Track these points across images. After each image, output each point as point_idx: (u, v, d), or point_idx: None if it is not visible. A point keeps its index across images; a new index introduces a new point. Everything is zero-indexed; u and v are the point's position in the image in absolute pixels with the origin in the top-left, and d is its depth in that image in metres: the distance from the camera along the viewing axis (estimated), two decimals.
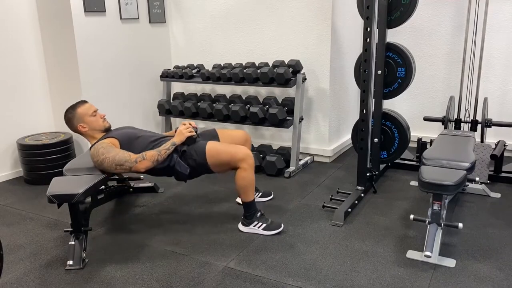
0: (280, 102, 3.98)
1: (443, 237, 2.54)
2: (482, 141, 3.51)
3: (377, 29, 3.13)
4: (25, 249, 2.65)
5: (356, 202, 3.08)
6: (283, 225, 2.78)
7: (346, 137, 4.38)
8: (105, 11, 3.96)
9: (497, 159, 3.34)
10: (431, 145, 3.31)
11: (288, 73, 3.70)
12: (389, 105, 3.91)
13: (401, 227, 2.78)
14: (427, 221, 2.47)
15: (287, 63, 3.82)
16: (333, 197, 3.14)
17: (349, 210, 2.96)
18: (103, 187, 3.08)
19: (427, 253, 2.33)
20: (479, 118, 3.56)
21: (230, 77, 3.99)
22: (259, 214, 2.76)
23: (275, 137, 4.35)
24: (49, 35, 3.90)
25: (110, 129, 2.82)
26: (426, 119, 3.78)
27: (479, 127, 3.56)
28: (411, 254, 2.45)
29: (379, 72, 3.25)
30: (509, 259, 2.38)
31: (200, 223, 2.91)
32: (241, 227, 2.78)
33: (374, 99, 3.25)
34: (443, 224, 2.46)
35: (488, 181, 3.32)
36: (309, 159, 4.08)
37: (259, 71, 3.85)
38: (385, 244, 2.58)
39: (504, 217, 2.88)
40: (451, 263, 2.35)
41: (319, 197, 3.27)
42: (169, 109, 4.38)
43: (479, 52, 3.62)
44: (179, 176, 2.75)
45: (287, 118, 3.80)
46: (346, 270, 2.32)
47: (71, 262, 2.41)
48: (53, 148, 3.68)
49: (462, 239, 2.60)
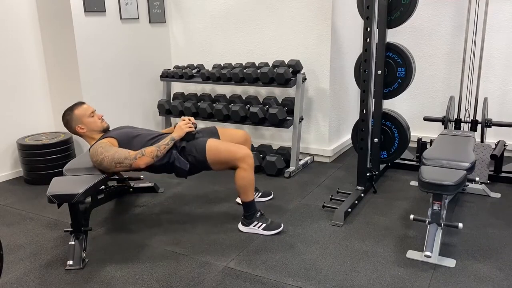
0: (280, 102, 3.97)
1: (443, 237, 2.54)
2: (482, 141, 3.51)
3: (377, 29, 3.13)
4: (25, 249, 2.65)
5: (356, 202, 3.08)
6: (283, 225, 2.78)
7: (346, 137, 4.38)
8: (105, 11, 3.96)
9: (497, 159, 3.34)
10: (431, 145, 3.31)
11: (288, 73, 3.70)
12: (389, 105, 3.91)
13: (401, 227, 2.78)
14: (427, 221, 2.47)
15: (287, 63, 3.82)
16: (333, 197, 3.14)
17: (349, 210, 2.96)
18: (103, 187, 3.08)
19: (427, 253, 2.33)
20: (479, 118, 3.56)
21: (230, 77, 3.99)
22: (259, 214, 2.76)
23: (275, 137, 4.35)
24: (49, 35, 3.90)
25: (108, 130, 2.82)
26: (426, 119, 3.78)
27: (479, 127, 3.56)
28: (411, 254, 2.45)
29: (379, 72, 3.25)
30: (509, 259, 2.38)
31: (200, 223, 2.91)
32: (241, 227, 2.78)
33: (374, 99, 3.25)
34: (443, 224, 2.46)
35: (488, 181, 3.32)
36: (309, 159, 4.08)
37: (259, 71, 3.85)
38: (385, 244, 2.58)
39: (504, 217, 2.88)
40: (451, 263, 2.35)
41: (319, 197, 3.27)
42: (169, 109, 4.38)
43: (479, 52, 3.62)
44: (179, 172, 2.74)
45: (287, 118, 3.80)
46: (346, 270, 2.32)
47: (71, 262, 2.41)
48: (53, 148, 3.68)
49: (462, 239, 2.60)
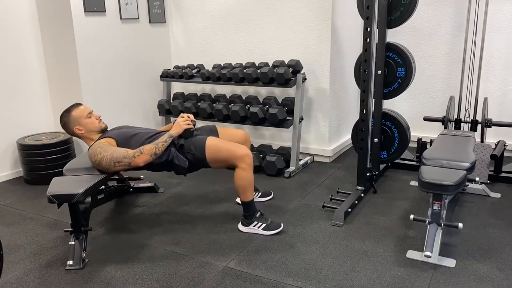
0: (280, 102, 3.98)
1: (443, 237, 2.54)
2: (482, 141, 3.51)
3: (377, 29, 3.13)
4: (25, 249, 2.65)
5: (356, 202, 3.08)
6: (283, 225, 2.78)
7: (346, 137, 4.38)
8: (105, 11, 3.96)
9: (497, 159, 3.34)
10: (431, 145, 3.31)
11: (288, 73, 3.70)
12: (389, 105, 3.91)
13: (401, 227, 2.78)
14: (427, 221, 2.47)
15: (287, 63, 3.82)
16: (333, 197, 3.14)
17: (349, 210, 2.96)
18: (103, 187, 3.08)
19: (427, 253, 2.33)
20: (479, 118, 3.56)
21: (230, 77, 3.99)
22: (259, 214, 2.76)
23: (275, 137, 4.35)
24: (49, 35, 3.90)
25: (106, 130, 2.82)
26: (426, 119, 3.78)
27: (479, 127, 3.56)
28: (411, 254, 2.45)
29: (379, 72, 3.25)
30: (509, 259, 2.38)
31: (200, 223, 2.91)
32: (241, 227, 2.78)
33: (374, 99, 3.25)
34: (443, 224, 2.46)
35: (488, 181, 3.32)
36: (309, 159, 4.08)
37: (259, 71, 3.85)
38: (385, 244, 2.58)
39: (504, 217, 2.88)
40: (451, 263, 2.35)
41: (319, 197, 3.27)
42: (169, 109, 4.38)
43: (479, 52, 3.62)
44: (178, 170, 2.74)
45: (287, 118, 3.80)
46: (346, 270, 2.32)
47: (71, 262, 2.41)
48: (53, 148, 3.68)
49: (462, 239, 2.60)
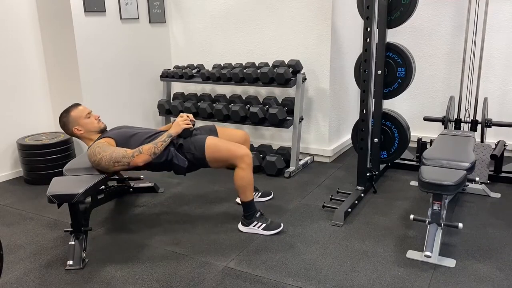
0: (280, 102, 3.97)
1: (443, 237, 2.54)
2: (482, 141, 3.51)
3: (377, 29, 3.13)
4: (25, 249, 2.65)
5: (356, 202, 3.08)
6: (283, 225, 2.78)
7: (346, 137, 4.38)
8: (105, 11, 3.96)
9: (497, 159, 3.34)
10: (431, 145, 3.31)
11: (288, 73, 3.70)
12: (389, 105, 3.91)
13: (401, 227, 2.78)
14: (427, 221, 2.47)
15: (287, 63, 3.82)
16: (333, 197, 3.14)
17: (349, 210, 2.96)
18: (103, 187, 3.08)
19: (427, 253, 2.33)
20: (479, 118, 3.56)
21: (230, 77, 3.99)
22: (259, 214, 2.76)
23: (275, 137, 4.35)
24: (49, 35, 3.90)
25: (105, 130, 2.81)
26: (426, 119, 3.78)
27: (479, 127, 3.56)
28: (411, 254, 2.45)
29: (379, 72, 3.25)
30: (509, 259, 2.38)
31: (200, 223, 2.91)
32: (241, 227, 2.78)
33: (374, 99, 3.25)
34: (443, 224, 2.46)
35: (488, 181, 3.32)
36: (309, 159, 4.08)
37: (259, 71, 3.85)
38: (385, 244, 2.58)
39: (504, 217, 2.88)
40: (451, 263, 2.35)
41: (319, 197, 3.27)
42: (169, 109, 4.38)
43: (479, 52, 3.62)
44: (177, 169, 2.74)
45: (287, 118, 3.80)
46: (346, 270, 2.32)
47: (71, 262, 2.41)
48: (53, 148, 3.68)
49: (462, 239, 2.60)
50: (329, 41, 3.83)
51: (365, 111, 3.10)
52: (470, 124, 3.65)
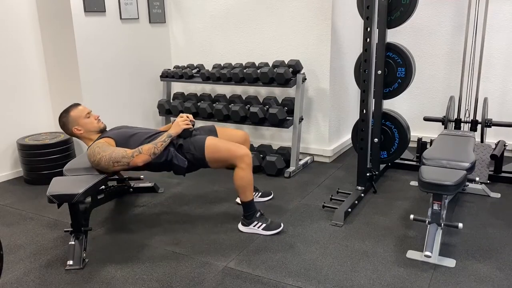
0: (280, 102, 3.97)
1: (443, 237, 2.54)
2: (482, 141, 3.51)
3: (377, 29, 3.13)
4: (25, 249, 2.65)
5: (356, 202, 3.08)
6: (283, 225, 2.78)
7: (346, 137, 4.38)
8: (105, 11, 3.96)
9: (497, 159, 3.34)
10: (431, 145, 3.31)
11: (288, 73, 3.70)
12: (389, 105, 3.91)
13: (401, 227, 2.78)
14: (427, 221, 2.47)
15: (287, 63, 3.82)
16: (333, 197, 3.14)
17: (349, 210, 2.95)
18: (103, 187, 3.08)
19: (427, 253, 2.33)
20: (479, 118, 3.56)
21: (230, 77, 3.99)
22: (259, 214, 2.76)
23: (275, 137, 4.35)
24: (49, 35, 3.90)
25: (105, 130, 2.81)
26: (426, 119, 3.78)
27: (479, 127, 3.56)
28: (411, 254, 2.45)
29: (379, 72, 3.25)
30: (509, 259, 2.38)
31: (200, 223, 2.91)
32: (241, 227, 2.78)
33: (374, 99, 3.25)
34: (443, 224, 2.46)
35: (488, 181, 3.32)
36: (309, 159, 4.08)
37: (259, 71, 3.85)
38: (385, 244, 2.58)
39: (504, 217, 2.88)
40: (451, 263, 2.35)
41: (319, 197, 3.27)
42: (169, 109, 4.38)
43: (479, 52, 3.62)
44: (177, 170, 2.74)
45: (287, 118, 3.80)
46: (346, 270, 2.32)
47: (71, 262, 2.41)
48: (53, 148, 3.68)
49: (462, 239, 2.60)
50: (329, 41, 3.83)
51: (365, 111, 3.10)
52: (470, 124, 3.65)
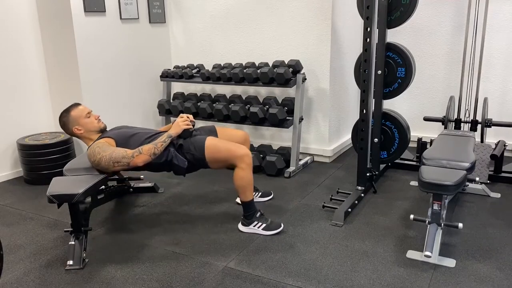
0: (280, 102, 3.97)
1: (443, 237, 2.54)
2: (482, 141, 3.51)
3: (377, 29, 3.13)
4: (25, 249, 2.65)
5: (356, 202, 3.08)
6: (283, 225, 2.78)
7: (346, 137, 4.38)
8: (105, 11, 3.96)
9: (497, 159, 3.34)
10: (431, 145, 3.31)
11: (288, 73, 3.70)
12: (389, 105, 3.91)
13: (401, 227, 2.78)
14: (427, 221, 2.47)
15: (287, 63, 3.82)
16: (333, 197, 3.14)
17: (349, 210, 2.95)
18: (103, 187, 3.08)
19: (427, 253, 2.33)
20: (479, 118, 3.56)
21: (230, 77, 3.99)
22: (259, 214, 2.76)
23: (275, 137, 4.35)
24: (49, 35, 3.90)
25: (105, 130, 2.82)
26: (426, 119, 3.78)
27: (479, 127, 3.56)
28: (411, 254, 2.45)
29: (379, 72, 3.25)
30: (509, 259, 2.38)
31: (200, 223, 2.91)
32: (241, 227, 2.78)
33: (374, 99, 3.25)
34: (443, 224, 2.46)
35: (488, 181, 3.32)
36: (309, 159, 4.08)
37: (259, 71, 3.85)
38: (385, 244, 2.58)
39: (504, 217, 2.88)
40: (451, 263, 2.35)
41: (319, 197, 3.27)
42: (169, 109, 4.38)
43: (479, 52, 3.62)
44: (177, 170, 2.74)
45: (287, 118, 3.80)
46: (346, 270, 2.32)
47: (71, 262, 2.41)
48: (53, 148, 3.68)
49: (462, 239, 2.60)
50: (329, 41, 3.83)
51: (365, 111, 3.10)
52: (470, 124, 3.65)
